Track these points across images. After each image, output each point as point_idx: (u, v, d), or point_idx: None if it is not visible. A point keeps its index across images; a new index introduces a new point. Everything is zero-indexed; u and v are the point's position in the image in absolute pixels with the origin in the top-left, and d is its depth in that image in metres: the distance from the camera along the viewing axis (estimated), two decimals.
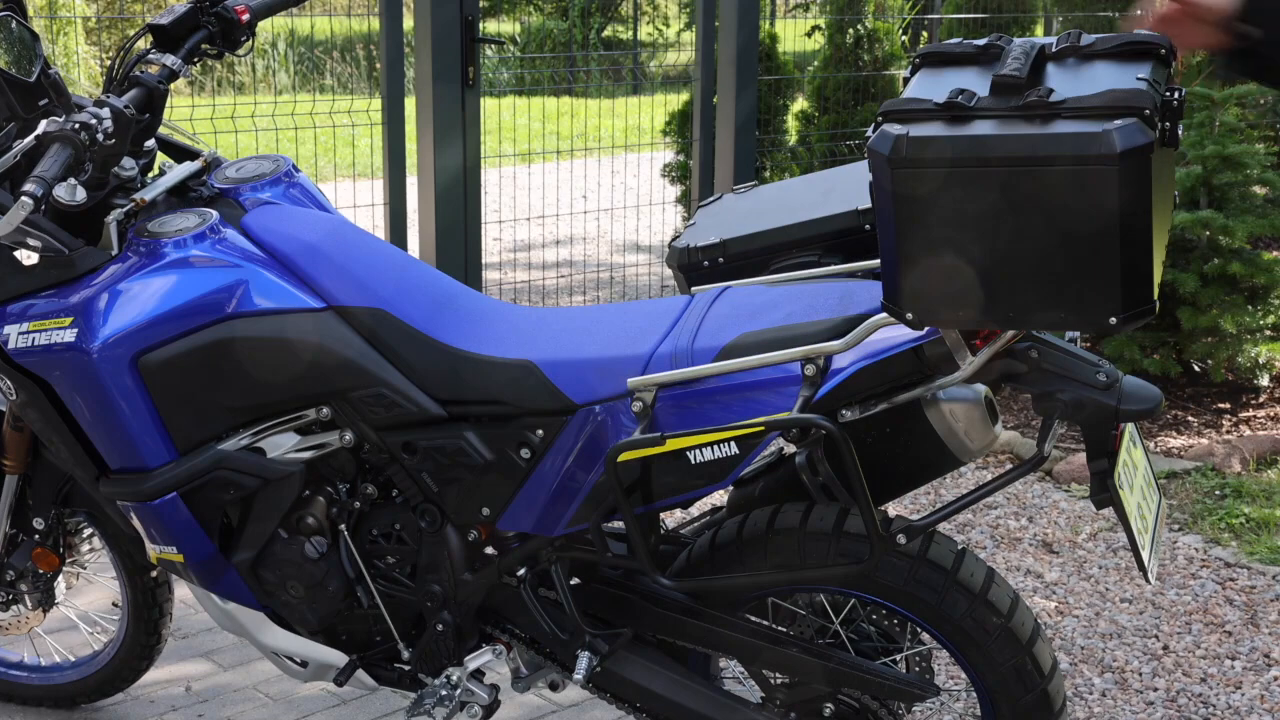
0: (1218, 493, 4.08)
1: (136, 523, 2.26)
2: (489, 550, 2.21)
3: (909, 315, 1.74)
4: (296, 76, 10.72)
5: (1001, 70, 1.68)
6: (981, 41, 1.78)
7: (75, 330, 2.13)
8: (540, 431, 2.06)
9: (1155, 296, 1.67)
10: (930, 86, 1.72)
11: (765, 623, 2.20)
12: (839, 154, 6.32)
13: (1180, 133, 1.71)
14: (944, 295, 1.70)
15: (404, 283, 2.21)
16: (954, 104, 1.66)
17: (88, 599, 3.09)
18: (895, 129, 1.67)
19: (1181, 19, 1.88)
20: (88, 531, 2.73)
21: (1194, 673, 3.11)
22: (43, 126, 2.06)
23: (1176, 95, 1.69)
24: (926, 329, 1.83)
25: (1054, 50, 1.74)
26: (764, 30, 6.24)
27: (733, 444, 1.91)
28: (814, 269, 2.13)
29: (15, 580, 2.69)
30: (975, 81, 1.70)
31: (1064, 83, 1.67)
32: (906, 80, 1.80)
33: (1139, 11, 1.89)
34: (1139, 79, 1.65)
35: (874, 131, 1.70)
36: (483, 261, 5.06)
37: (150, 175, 2.34)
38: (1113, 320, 1.66)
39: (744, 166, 5.64)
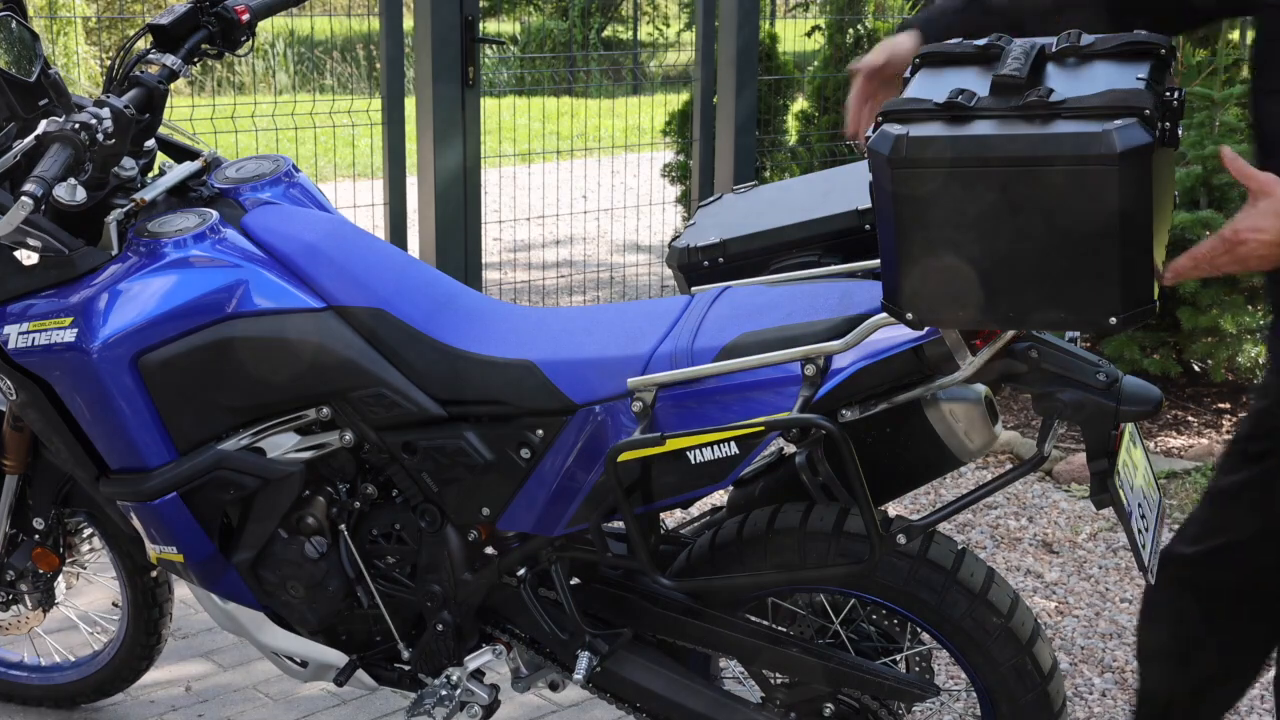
0: None
1: (136, 523, 2.26)
2: (489, 550, 2.21)
3: (909, 315, 1.74)
4: (296, 76, 10.72)
5: (1001, 70, 1.68)
6: (982, 41, 1.78)
7: (75, 330, 2.13)
8: (540, 431, 2.06)
9: (1155, 296, 1.67)
10: (930, 86, 1.72)
11: (765, 623, 2.21)
12: (839, 154, 6.32)
13: (1180, 133, 1.71)
14: (944, 295, 1.70)
15: (404, 283, 2.21)
16: (954, 104, 1.66)
17: (88, 599, 3.09)
18: (895, 129, 1.67)
19: (879, 85, 2.04)
20: (88, 531, 2.73)
21: None
22: (43, 126, 2.06)
23: (1176, 95, 1.69)
24: (926, 329, 1.83)
25: (1054, 50, 1.74)
26: (764, 30, 6.24)
27: (733, 444, 1.90)
28: (814, 269, 2.13)
29: (15, 580, 2.69)
30: (975, 81, 1.70)
31: (1064, 83, 1.67)
32: (906, 80, 1.80)
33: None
34: (1139, 79, 1.65)
35: (874, 131, 1.70)
36: (483, 261, 5.06)
37: (150, 175, 2.34)
38: (1113, 320, 1.66)
39: (744, 166, 5.64)
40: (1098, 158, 1.58)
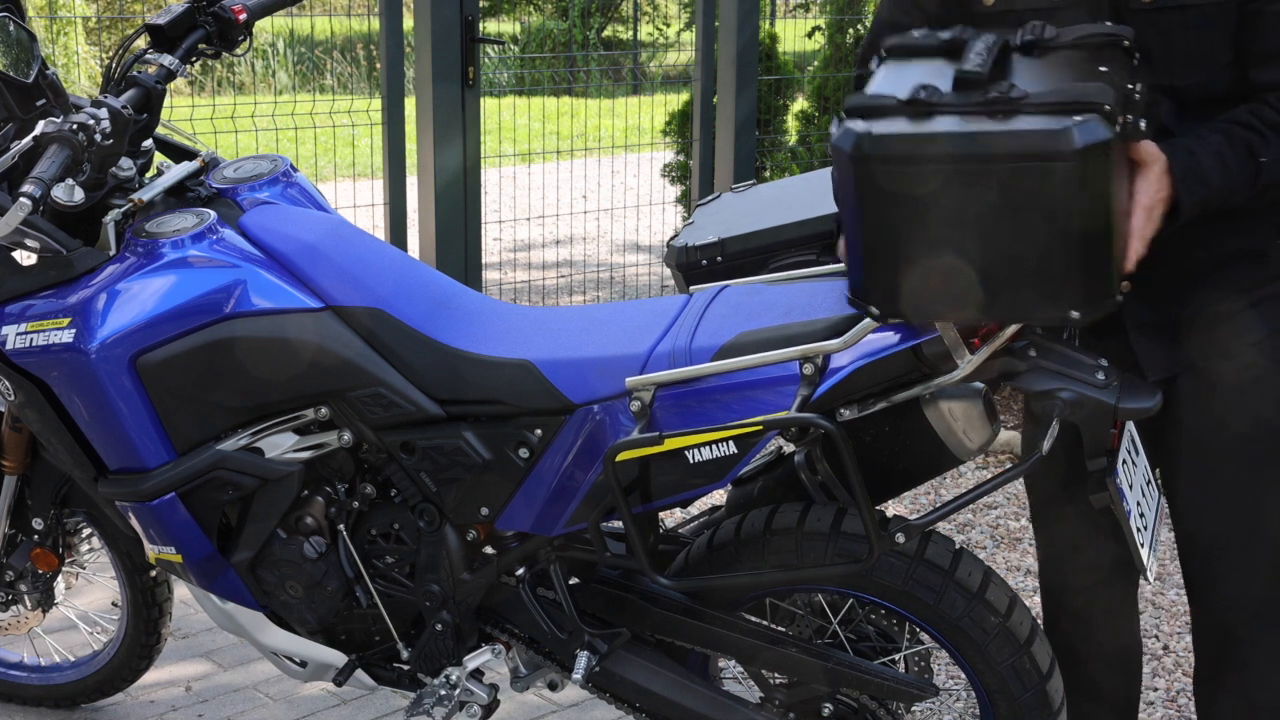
0: None
1: (135, 523, 2.26)
2: (488, 550, 2.21)
3: (873, 308, 1.75)
4: (296, 76, 10.72)
5: (964, 66, 1.68)
6: (946, 34, 1.78)
7: (73, 330, 2.13)
8: (539, 431, 2.06)
9: (1117, 290, 1.68)
10: (894, 80, 1.72)
11: (764, 623, 2.20)
12: None
13: (1143, 125, 1.72)
14: (908, 289, 1.71)
15: (402, 282, 2.21)
16: (917, 100, 1.66)
17: (87, 599, 3.09)
18: (858, 126, 1.67)
19: None
20: (87, 531, 2.73)
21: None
22: (41, 127, 2.06)
23: (1138, 89, 1.70)
24: (926, 331, 1.83)
25: (1017, 43, 1.74)
26: (764, 30, 6.23)
27: (731, 443, 1.90)
28: (812, 268, 2.13)
29: (15, 580, 2.70)
30: (940, 75, 1.70)
31: (1027, 77, 1.68)
32: (871, 72, 1.81)
33: None
34: (1101, 72, 1.65)
35: (837, 128, 1.70)
36: (483, 261, 5.05)
37: (148, 175, 2.34)
38: (1074, 314, 1.67)
39: (744, 166, 5.64)
40: (1058, 154, 1.58)
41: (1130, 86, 1.68)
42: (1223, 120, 1.83)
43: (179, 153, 2.41)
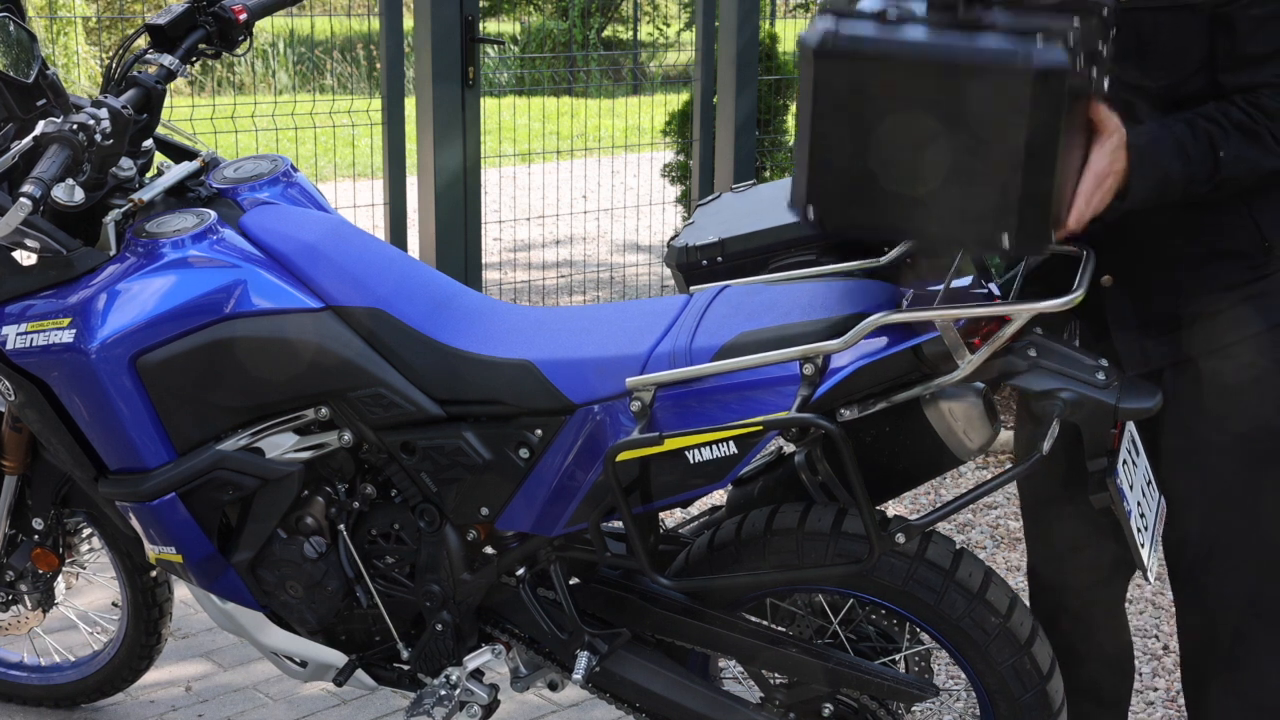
0: None
1: (135, 523, 2.26)
2: (488, 550, 2.21)
3: (811, 213, 1.76)
4: (296, 76, 10.72)
5: None
6: None
7: (73, 331, 2.13)
8: (539, 431, 2.06)
9: (1051, 234, 1.68)
10: (876, 1, 1.74)
11: (764, 623, 2.20)
12: None
13: (1105, 85, 1.72)
14: (849, 195, 1.72)
15: (402, 282, 2.21)
16: (890, 10, 1.68)
17: (88, 599, 3.09)
18: (827, 23, 1.69)
19: None
20: (87, 531, 2.73)
21: None
22: (41, 127, 2.06)
23: (1104, 49, 1.71)
24: (927, 332, 1.83)
25: None
26: (764, 30, 6.23)
27: (731, 443, 1.90)
28: (812, 268, 2.13)
29: (15, 580, 2.70)
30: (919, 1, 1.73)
31: (1002, 15, 1.69)
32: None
33: None
34: (1073, 18, 1.67)
35: (809, 27, 1.72)
36: (483, 261, 5.05)
37: (148, 176, 2.34)
38: (1005, 238, 1.67)
39: (744, 166, 5.63)
40: (1014, 70, 1.60)
41: (1099, 43, 1.69)
42: (1189, 113, 1.85)
43: (179, 153, 2.41)
